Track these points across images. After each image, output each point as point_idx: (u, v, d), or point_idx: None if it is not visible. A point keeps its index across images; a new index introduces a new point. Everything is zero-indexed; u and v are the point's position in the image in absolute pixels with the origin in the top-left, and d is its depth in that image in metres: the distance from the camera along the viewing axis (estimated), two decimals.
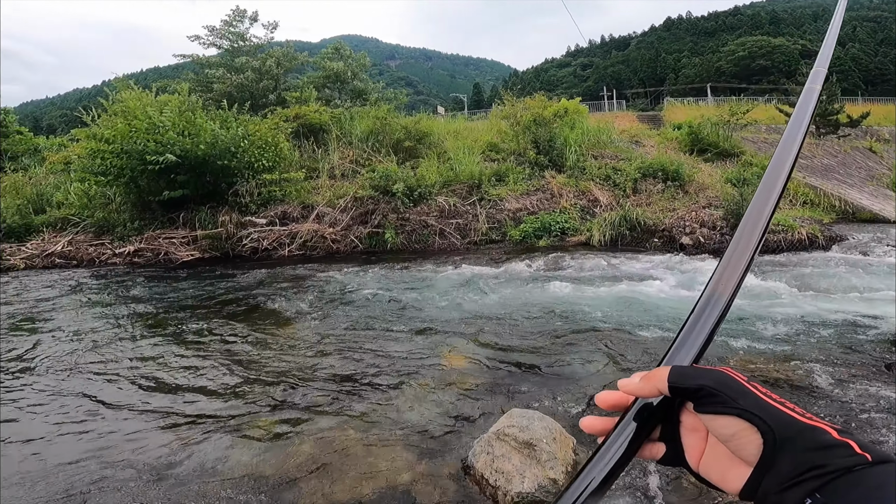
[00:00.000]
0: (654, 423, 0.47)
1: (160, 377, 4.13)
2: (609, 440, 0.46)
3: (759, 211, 0.53)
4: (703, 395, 0.42)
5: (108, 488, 2.66)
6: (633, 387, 0.47)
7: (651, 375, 0.45)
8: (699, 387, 0.42)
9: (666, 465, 0.47)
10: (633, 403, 0.47)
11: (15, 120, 18.90)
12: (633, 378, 0.47)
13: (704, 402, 0.42)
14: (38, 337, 5.46)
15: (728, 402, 0.40)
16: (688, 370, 0.44)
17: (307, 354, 4.55)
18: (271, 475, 2.73)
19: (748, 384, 0.41)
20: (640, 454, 0.47)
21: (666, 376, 0.44)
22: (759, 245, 0.51)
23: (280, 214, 10.69)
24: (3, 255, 10.23)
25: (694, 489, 2.51)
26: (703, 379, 0.42)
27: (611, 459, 0.45)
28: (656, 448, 0.47)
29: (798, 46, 59.61)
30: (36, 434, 3.32)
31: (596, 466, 0.45)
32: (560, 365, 4.12)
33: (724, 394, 0.41)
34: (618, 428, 0.46)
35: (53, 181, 13.33)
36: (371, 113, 14.32)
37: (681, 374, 0.44)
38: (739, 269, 0.50)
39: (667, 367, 0.45)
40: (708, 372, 0.43)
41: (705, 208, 10.32)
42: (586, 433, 0.49)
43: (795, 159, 0.56)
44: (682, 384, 0.43)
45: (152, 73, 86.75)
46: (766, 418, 0.39)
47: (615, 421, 0.47)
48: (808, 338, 4.47)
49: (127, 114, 10.60)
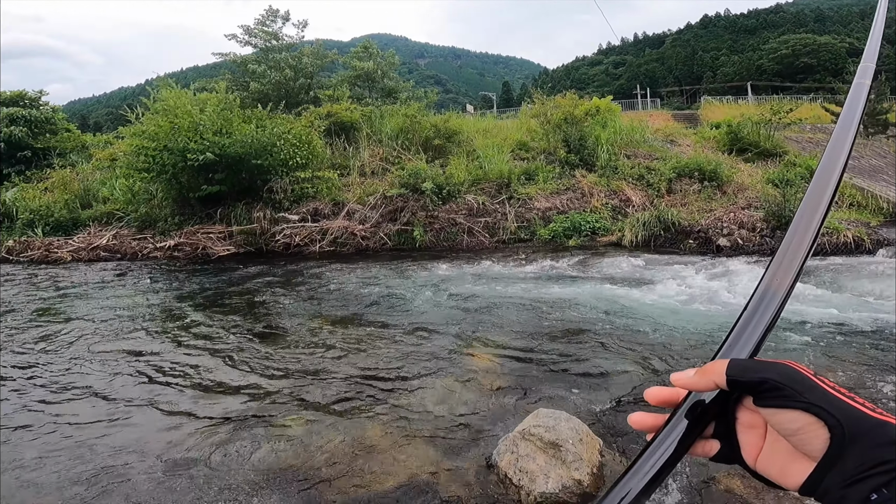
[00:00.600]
0: (709, 419, 0.45)
1: (190, 372, 4.25)
2: (659, 437, 0.45)
3: (814, 206, 0.51)
4: (765, 389, 0.41)
5: (138, 481, 2.75)
6: (686, 381, 0.45)
7: (707, 369, 0.44)
8: (762, 380, 0.41)
9: (719, 462, 0.46)
10: (685, 398, 0.46)
11: (64, 118, 19.85)
12: (686, 372, 0.45)
13: (767, 397, 0.41)
14: (75, 325, 5.74)
15: (794, 397, 0.39)
16: (749, 363, 0.43)
17: (334, 350, 4.62)
18: (298, 469, 2.78)
19: (815, 378, 0.40)
20: (693, 452, 0.45)
21: (724, 370, 0.42)
22: (815, 240, 0.50)
23: (312, 211, 10.91)
24: (51, 248, 10.80)
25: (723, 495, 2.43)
26: (766, 372, 0.41)
27: (661, 457, 0.43)
28: (710, 445, 0.46)
29: (845, 45, 56.73)
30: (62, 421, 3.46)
31: (646, 464, 0.44)
32: (589, 366, 4.06)
33: (789, 387, 0.39)
34: (669, 424, 0.45)
35: (100, 177, 13.95)
36: (401, 111, 14.43)
37: (742, 368, 0.42)
38: (795, 264, 0.48)
39: (724, 361, 0.43)
40: (771, 365, 0.41)
41: (745, 209, 9.96)
42: (635, 429, 0.48)
43: (848, 155, 0.55)
44: (742, 377, 0.42)
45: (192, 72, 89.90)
46: (835, 413, 0.37)
47: (665, 417, 0.46)
48: (844, 343, 4.25)
49: (168, 112, 11.02)
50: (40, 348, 4.96)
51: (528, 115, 16.03)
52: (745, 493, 2.45)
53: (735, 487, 2.49)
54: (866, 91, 0.60)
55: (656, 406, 0.48)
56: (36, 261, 10.48)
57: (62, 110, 21.28)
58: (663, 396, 0.47)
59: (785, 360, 0.42)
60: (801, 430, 0.39)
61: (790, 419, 0.39)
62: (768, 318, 0.46)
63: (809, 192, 0.52)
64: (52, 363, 4.54)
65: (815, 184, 0.53)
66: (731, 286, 6.26)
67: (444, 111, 18.56)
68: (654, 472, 0.43)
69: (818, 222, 0.50)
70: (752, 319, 0.47)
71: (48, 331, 5.54)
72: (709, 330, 4.79)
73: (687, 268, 7.42)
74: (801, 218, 0.51)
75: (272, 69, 18.48)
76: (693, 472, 2.59)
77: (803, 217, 0.51)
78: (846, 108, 0.59)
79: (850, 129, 0.56)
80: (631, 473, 0.44)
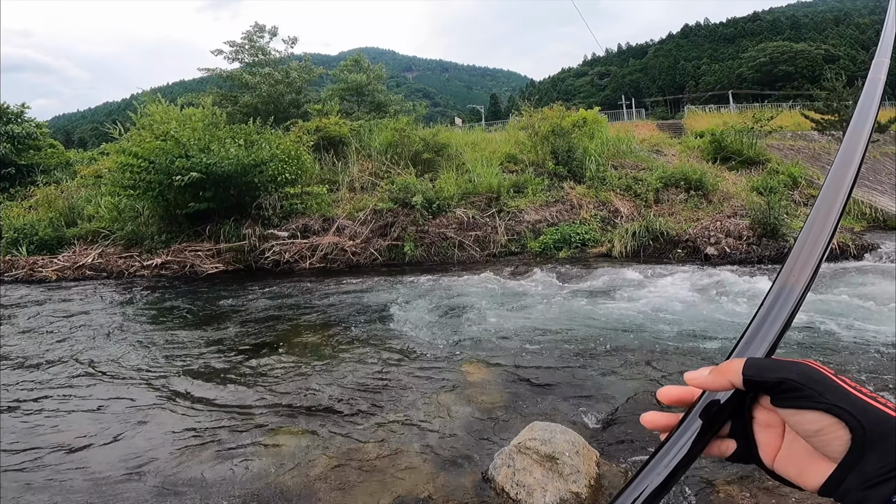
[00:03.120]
0: (724, 419, 0.45)
1: (180, 388, 4.21)
2: (674, 436, 0.44)
3: (830, 203, 0.51)
4: (784, 390, 0.40)
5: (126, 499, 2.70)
6: (701, 380, 0.44)
7: (723, 368, 0.43)
8: (780, 380, 0.40)
9: (736, 462, 0.45)
10: (700, 398, 0.45)
11: (48, 133, 19.60)
12: (701, 371, 0.45)
13: (786, 397, 0.40)
14: (60, 346, 5.61)
15: (814, 397, 0.38)
16: (767, 362, 0.42)
17: (326, 366, 4.59)
18: (292, 486, 2.75)
19: (836, 377, 0.39)
20: (708, 452, 0.45)
21: (740, 369, 0.42)
22: (832, 236, 0.50)
23: (301, 227, 10.84)
24: (35, 267, 10.59)
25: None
26: (785, 372, 0.40)
27: (675, 457, 0.43)
28: (725, 445, 0.45)
29: (821, 51, 58.26)
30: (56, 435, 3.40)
31: (659, 463, 0.43)
32: (583, 378, 4.07)
33: (809, 388, 0.39)
34: (684, 424, 0.44)
35: (85, 194, 13.76)
36: (390, 125, 14.48)
37: (759, 367, 0.41)
38: (812, 261, 0.48)
39: (740, 360, 0.43)
40: (790, 364, 0.41)
41: (731, 218, 10.10)
42: (647, 429, 0.47)
43: (864, 151, 0.55)
44: (759, 377, 0.41)
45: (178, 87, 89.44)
46: (856, 413, 0.37)
47: (679, 417, 0.46)
48: (833, 349, 4.31)
49: (154, 128, 10.93)
50: (24, 368, 4.83)
51: (516, 128, 16.18)
52: (744, 499, 2.45)
53: (734, 494, 2.49)
54: (881, 87, 0.60)
55: (669, 405, 0.47)
56: (21, 280, 10.26)
57: (46, 125, 21.03)
58: (676, 395, 0.47)
59: (804, 360, 0.41)
60: (822, 432, 0.38)
61: (810, 420, 0.39)
62: (784, 317, 0.46)
63: (825, 189, 0.52)
64: (39, 383, 4.42)
65: (831, 181, 0.53)
66: (719, 294, 6.33)
67: (433, 124, 18.68)
68: (669, 472, 0.43)
69: (835, 219, 0.50)
70: (767, 318, 0.46)
71: (32, 351, 5.40)
72: (702, 340, 4.83)
73: (676, 277, 7.49)
74: (818, 215, 0.51)
75: (263, 82, 18.51)
76: (692, 480, 2.58)
77: (819, 214, 0.51)
78: (860, 105, 0.58)
79: (866, 126, 0.56)
80: (645, 473, 0.43)
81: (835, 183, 0.52)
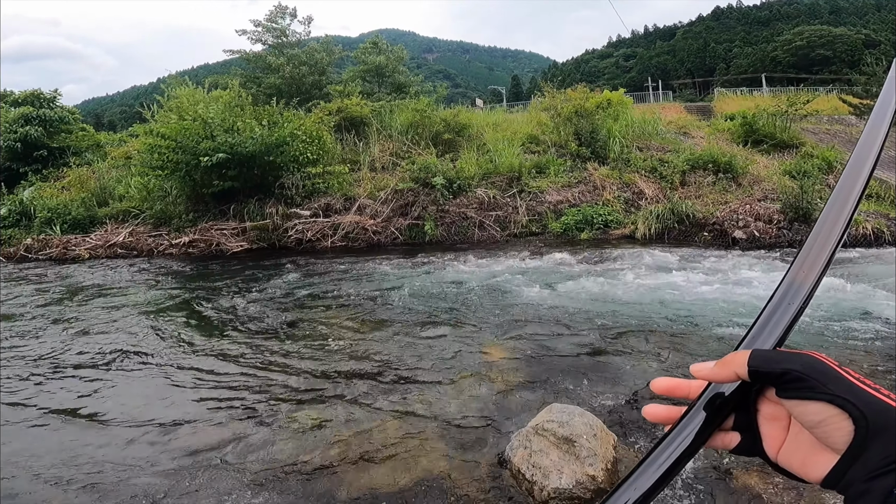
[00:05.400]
0: (729, 411, 0.45)
1: (203, 367, 4.30)
2: (676, 428, 0.44)
3: (845, 197, 0.50)
4: (788, 381, 0.40)
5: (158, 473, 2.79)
6: (706, 372, 0.44)
7: (728, 360, 0.43)
8: (785, 371, 0.40)
9: (740, 454, 0.45)
10: (704, 389, 0.45)
11: (78, 117, 20.09)
12: (706, 363, 0.45)
13: (790, 388, 0.40)
14: (98, 321, 5.84)
15: (818, 388, 0.38)
16: (772, 354, 0.42)
17: (347, 346, 4.64)
18: (313, 463, 2.79)
19: (840, 369, 0.39)
20: (711, 444, 0.45)
21: (745, 360, 0.42)
22: (845, 231, 0.49)
23: (323, 206, 10.96)
24: (69, 246, 10.98)
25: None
26: (789, 363, 0.40)
27: (677, 448, 0.43)
28: (729, 437, 0.45)
29: (861, 36, 55.29)
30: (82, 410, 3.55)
31: (661, 455, 0.43)
32: (603, 361, 4.03)
33: (813, 378, 0.39)
34: (687, 416, 0.44)
35: (115, 175, 14.12)
36: (410, 106, 14.41)
37: (764, 358, 0.41)
38: (823, 255, 0.47)
39: (746, 351, 0.43)
40: (795, 356, 0.41)
41: (761, 201, 9.80)
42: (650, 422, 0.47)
43: (882, 146, 0.53)
44: (764, 368, 0.41)
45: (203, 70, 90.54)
46: (860, 405, 0.37)
47: (681, 409, 0.45)
48: (857, 337, 4.18)
49: (181, 110, 11.11)
50: (61, 342, 5.06)
51: (538, 109, 15.88)
52: (762, 489, 2.42)
53: (752, 484, 2.45)
54: None
55: (662, 396, 0.47)
56: (54, 258, 10.66)
57: (77, 110, 21.58)
58: (666, 386, 0.47)
59: (809, 351, 0.41)
60: (825, 423, 0.38)
61: (813, 411, 0.39)
62: (794, 310, 0.45)
63: (840, 182, 0.51)
64: (74, 357, 4.63)
65: (847, 174, 0.51)
66: (747, 280, 6.18)
67: (454, 106, 18.49)
68: (670, 464, 0.43)
69: (849, 213, 0.49)
70: (776, 310, 0.46)
71: (67, 326, 5.65)
72: (726, 325, 4.73)
73: (702, 260, 7.33)
74: (832, 208, 0.50)
75: (289, 63, 18.59)
76: (707, 468, 2.56)
77: (833, 207, 0.50)
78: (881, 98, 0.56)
79: (885, 119, 0.54)
80: (645, 465, 0.43)
81: (850, 178, 0.51)
